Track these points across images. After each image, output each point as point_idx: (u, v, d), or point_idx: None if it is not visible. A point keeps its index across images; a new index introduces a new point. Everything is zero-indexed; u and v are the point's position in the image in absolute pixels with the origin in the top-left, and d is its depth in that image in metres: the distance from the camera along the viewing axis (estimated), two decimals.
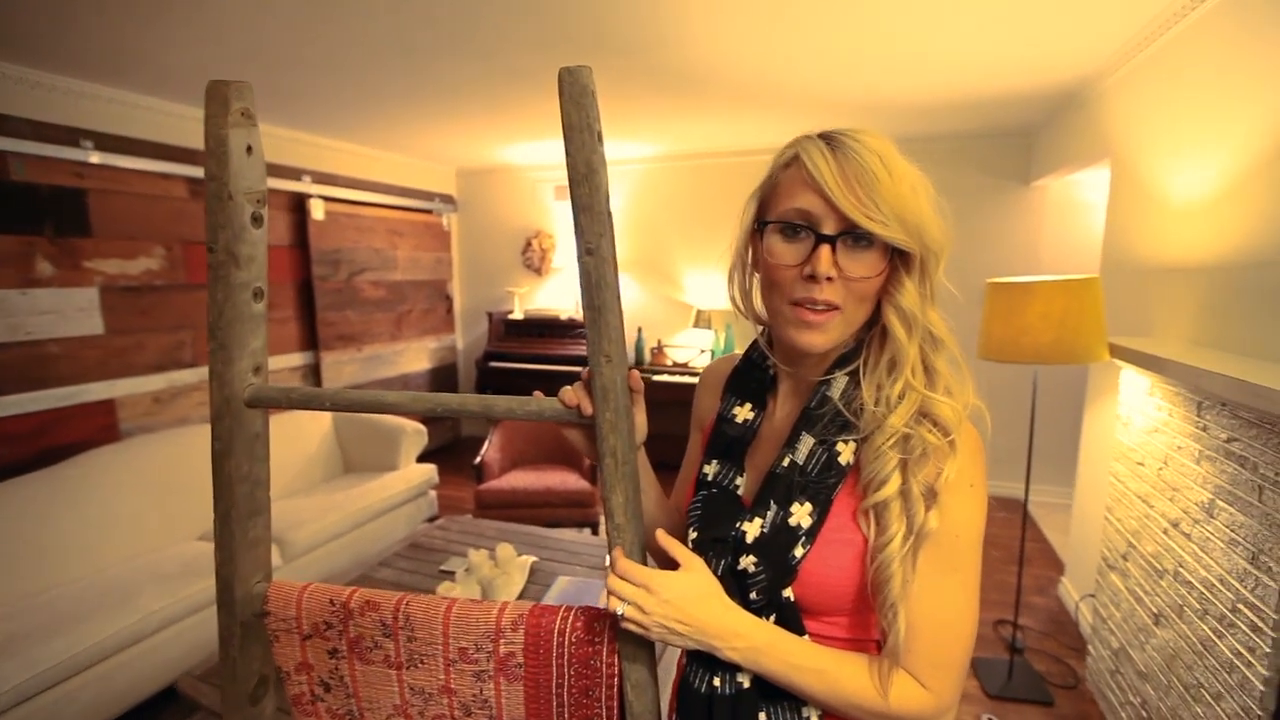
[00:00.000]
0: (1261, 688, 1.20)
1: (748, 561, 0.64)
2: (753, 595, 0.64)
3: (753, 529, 0.65)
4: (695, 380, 4.04)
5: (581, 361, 4.32)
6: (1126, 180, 2.29)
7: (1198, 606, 1.45)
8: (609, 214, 0.63)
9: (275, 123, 3.44)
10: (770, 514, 0.64)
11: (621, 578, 0.61)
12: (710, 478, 0.73)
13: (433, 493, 3.39)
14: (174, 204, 3.03)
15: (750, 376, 0.77)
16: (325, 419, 3.34)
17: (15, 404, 2.47)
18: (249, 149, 0.72)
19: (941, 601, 0.61)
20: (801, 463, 0.65)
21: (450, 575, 2.14)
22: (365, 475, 3.19)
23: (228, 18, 1.98)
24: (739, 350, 0.84)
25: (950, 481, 0.60)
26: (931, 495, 0.60)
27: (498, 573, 2.06)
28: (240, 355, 0.74)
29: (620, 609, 0.60)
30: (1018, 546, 2.21)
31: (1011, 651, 2.23)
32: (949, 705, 0.60)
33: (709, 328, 4.32)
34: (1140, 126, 2.19)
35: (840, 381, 0.67)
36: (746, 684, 0.64)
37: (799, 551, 0.63)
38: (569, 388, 0.66)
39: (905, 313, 0.64)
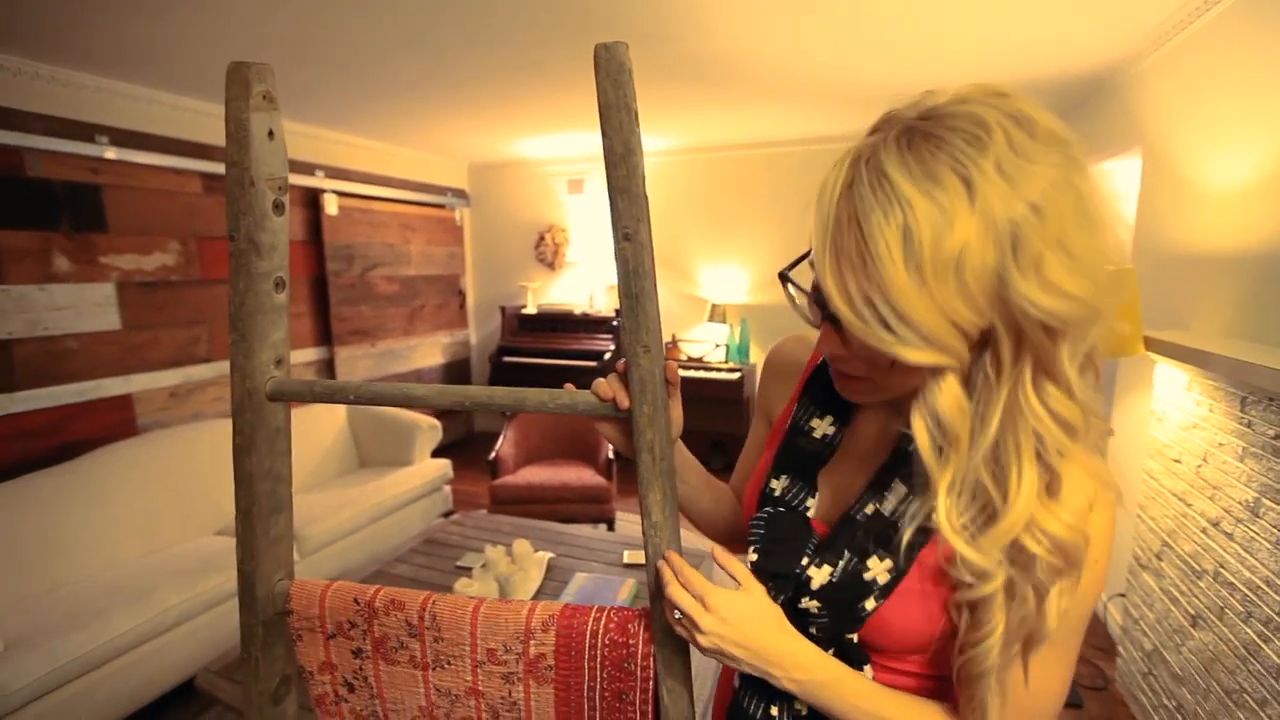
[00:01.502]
0: None
1: (810, 604, 0.58)
2: (812, 631, 0.58)
3: (820, 575, 0.57)
4: (712, 375, 4.02)
5: (595, 356, 4.30)
6: (1159, 168, 2.22)
7: (1240, 609, 1.40)
8: (646, 198, 0.60)
9: (288, 117, 3.43)
10: (842, 563, 0.56)
11: (683, 585, 0.54)
12: (777, 494, 0.64)
13: (447, 488, 3.38)
14: (188, 199, 3.03)
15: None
16: (340, 414, 3.33)
17: (34, 399, 2.48)
18: (270, 134, 0.69)
19: (1035, 679, 0.51)
20: (887, 514, 0.56)
21: (467, 571, 2.12)
22: (380, 470, 3.18)
23: (241, 11, 1.96)
24: (756, 345, 0.74)
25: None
26: (1045, 587, 0.47)
27: (514, 569, 2.04)
28: (262, 347, 0.71)
29: (676, 615, 0.54)
30: None
31: None
32: None
33: (724, 322, 4.28)
34: (1175, 113, 2.13)
35: None
36: (805, 712, 0.60)
37: (870, 605, 0.55)
38: (603, 380, 0.62)
39: (935, 421, 0.47)
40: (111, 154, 2.68)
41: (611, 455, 3.11)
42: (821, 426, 0.65)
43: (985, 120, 0.42)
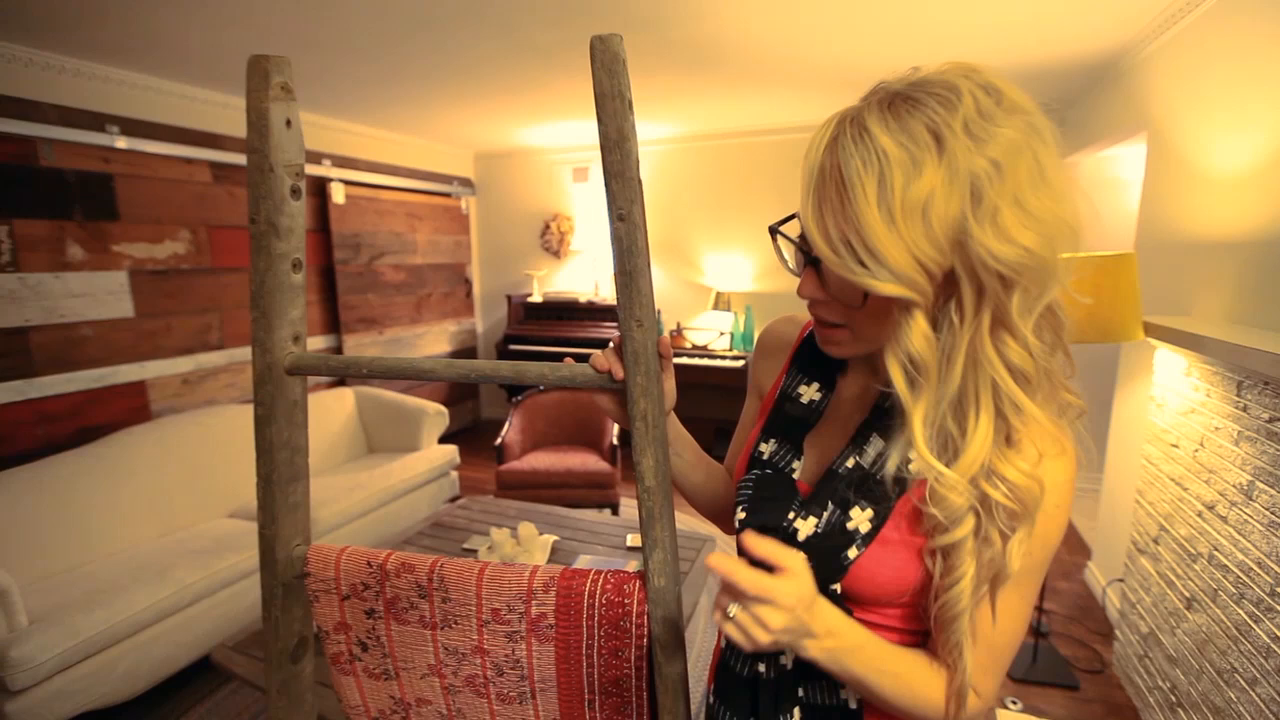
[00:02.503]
0: None
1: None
2: None
3: (806, 527, 0.61)
4: (715, 364, 4.04)
5: (600, 344, 4.33)
6: (1164, 154, 2.22)
7: (1233, 590, 1.42)
8: (639, 181, 0.63)
9: None
10: (826, 514, 0.60)
11: (741, 587, 0.48)
12: (765, 457, 0.68)
13: (454, 473, 3.43)
14: (198, 188, 3.07)
15: (821, 352, 0.68)
16: (349, 400, 3.38)
17: (52, 385, 2.54)
18: (288, 122, 0.73)
19: (1001, 617, 0.57)
20: (867, 466, 0.60)
21: (473, 553, 2.17)
22: (388, 456, 3.24)
23: (244, 4, 1.98)
24: (757, 332, 0.79)
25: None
26: (1010, 530, 0.52)
27: (520, 551, 2.09)
28: (280, 324, 0.75)
29: (733, 612, 0.50)
30: None
31: (1036, 635, 2.21)
32: (991, 705, 0.60)
33: (728, 309, 4.29)
34: (1181, 97, 2.12)
35: None
36: (789, 666, 0.63)
37: (853, 553, 0.58)
38: (599, 353, 0.66)
39: (910, 357, 0.51)
40: (122, 143, 2.72)
41: (615, 441, 3.14)
42: (809, 393, 0.69)
43: (958, 86, 0.48)
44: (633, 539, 2.28)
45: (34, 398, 2.48)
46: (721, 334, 4.30)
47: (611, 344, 0.66)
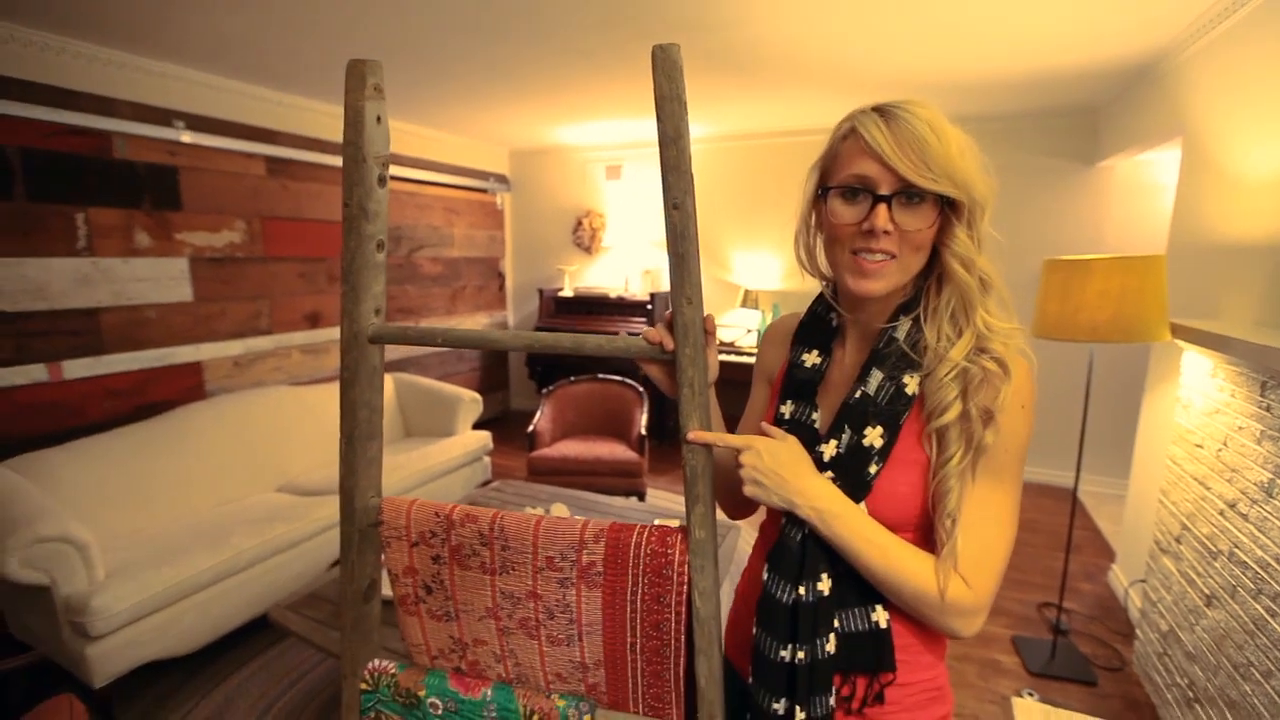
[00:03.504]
0: None
1: (826, 475, 0.73)
2: None
3: (829, 449, 0.74)
4: (743, 360, 4.10)
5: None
6: (1199, 158, 2.22)
7: (1251, 586, 1.45)
8: (691, 174, 0.71)
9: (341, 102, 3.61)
10: (845, 437, 0.73)
11: (726, 442, 0.73)
12: (788, 415, 0.81)
13: (487, 459, 3.55)
14: (254, 181, 3.24)
15: (816, 328, 0.85)
16: (389, 386, 3.53)
17: (118, 362, 2.71)
18: (378, 119, 0.82)
19: (987, 511, 0.69)
20: (872, 394, 0.74)
21: None
22: (425, 440, 3.37)
23: (305, 5, 2.11)
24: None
25: (1004, 403, 0.68)
26: (988, 416, 0.68)
27: None
28: (365, 297, 0.85)
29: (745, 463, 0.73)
30: (1065, 534, 2.20)
31: (1055, 633, 2.24)
32: (985, 604, 0.69)
33: (756, 307, 4.35)
34: (1219, 102, 2.13)
35: (904, 325, 0.75)
36: (826, 591, 0.71)
37: (873, 469, 0.71)
38: (651, 328, 0.75)
39: (961, 256, 0.71)
40: (187, 138, 2.89)
41: (644, 431, 3.23)
42: (811, 358, 0.83)
43: (924, 104, 0.70)
44: (660, 523, 2.35)
45: (102, 374, 2.66)
46: (749, 331, 4.36)
47: (663, 318, 0.74)
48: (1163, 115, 2.59)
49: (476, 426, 3.65)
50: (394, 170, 4.05)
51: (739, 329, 4.40)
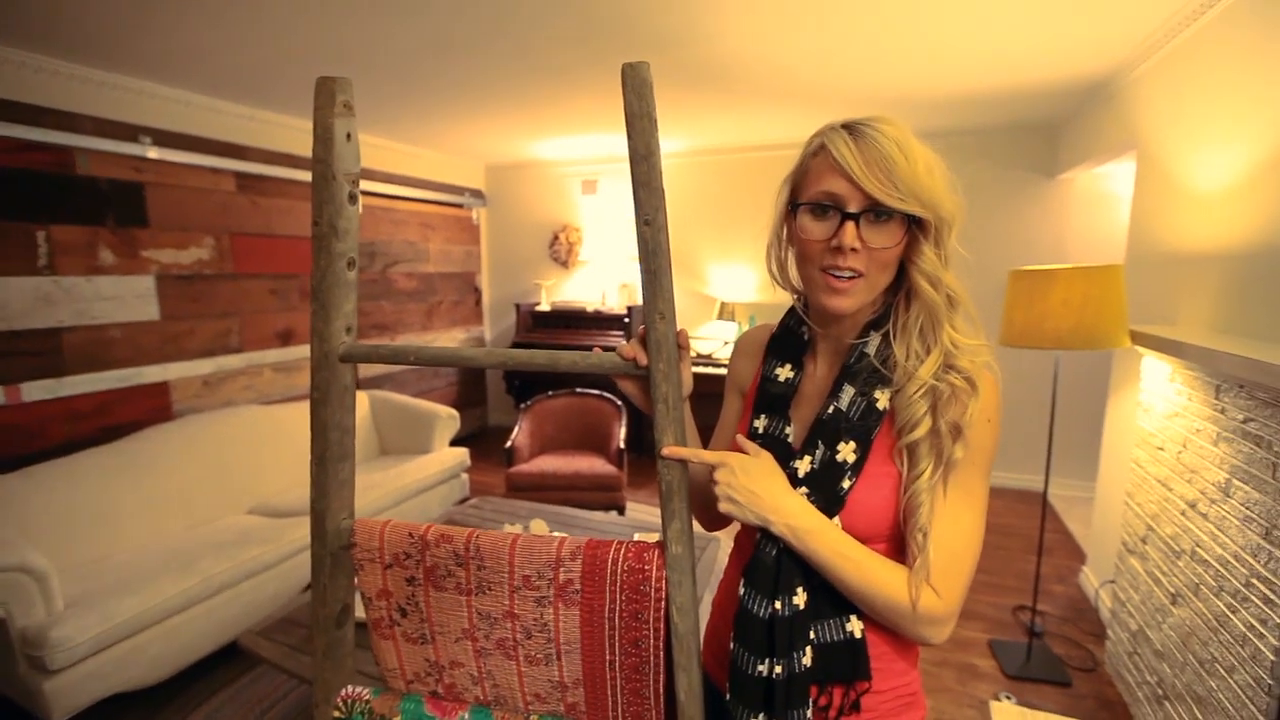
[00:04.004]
0: (1272, 658, 1.25)
1: (800, 491, 0.74)
2: None
3: (803, 465, 0.75)
4: (720, 371, 4.12)
5: (607, 352, 4.41)
6: (1153, 171, 2.31)
7: (1213, 584, 1.49)
8: (663, 190, 0.72)
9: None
10: (819, 453, 0.74)
11: (701, 458, 0.74)
12: (761, 430, 0.81)
13: (465, 475, 3.51)
14: (223, 197, 3.18)
15: (788, 341, 0.86)
16: (363, 404, 3.47)
17: (81, 383, 2.63)
18: (348, 136, 0.82)
19: (957, 521, 0.71)
20: (845, 409, 0.75)
21: None
22: (400, 457, 3.32)
23: (276, 20, 2.10)
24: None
25: (972, 418, 0.70)
26: (957, 431, 0.70)
27: None
28: (336, 315, 0.84)
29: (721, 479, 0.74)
30: (1037, 537, 2.25)
31: (1030, 635, 2.27)
32: (955, 611, 0.70)
33: (732, 319, 4.39)
34: (1168, 117, 2.22)
35: (875, 341, 0.76)
36: (802, 605, 0.72)
37: (846, 484, 0.73)
38: (625, 343, 0.76)
39: (928, 274, 0.73)
40: (153, 153, 2.83)
41: (622, 446, 3.22)
42: (784, 373, 0.84)
43: (892, 120, 0.71)
44: (640, 538, 2.35)
45: (64, 396, 2.58)
46: (725, 343, 4.39)
47: (636, 334, 0.75)
48: (1117, 130, 2.69)
49: (454, 443, 3.61)
50: (368, 185, 4.02)
51: (715, 341, 4.43)
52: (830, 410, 0.76)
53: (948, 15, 2.07)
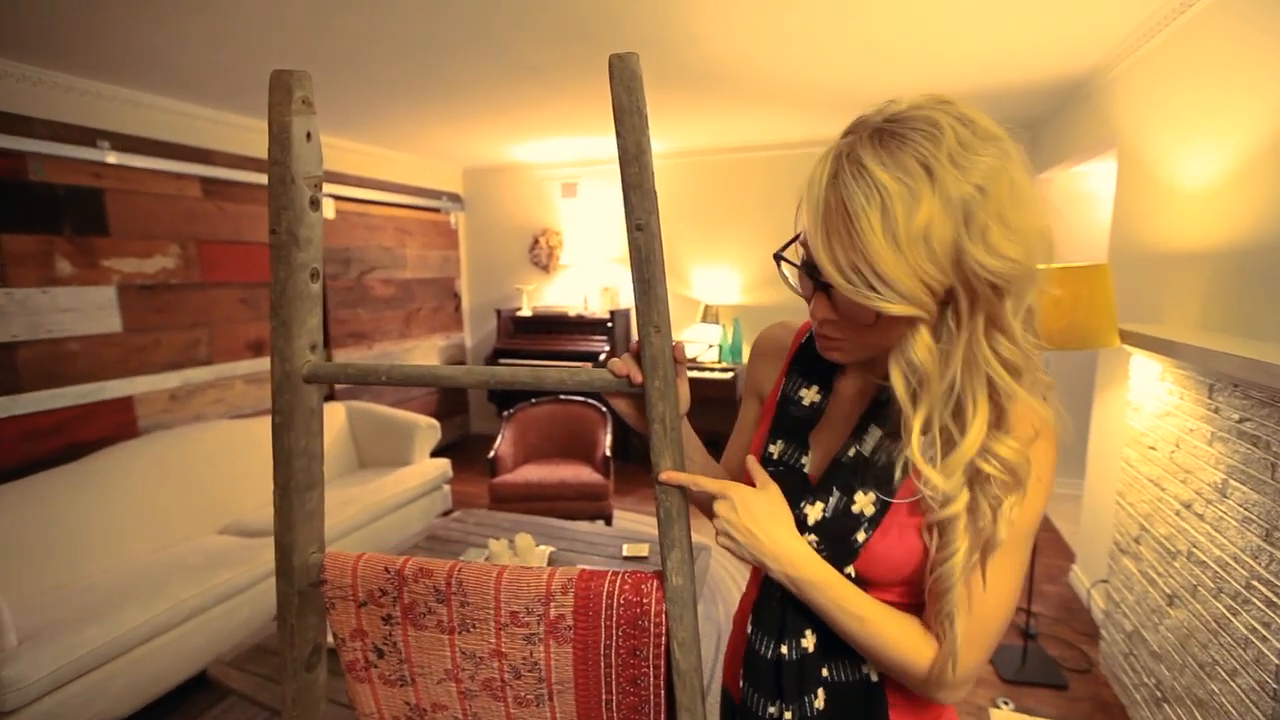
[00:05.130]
0: (1277, 661, 1.23)
1: (809, 539, 0.66)
2: None
3: (814, 512, 0.66)
4: (705, 375, 4.08)
5: (590, 357, 4.36)
6: (1134, 169, 2.32)
7: (1211, 585, 1.48)
8: (655, 192, 0.66)
9: None
10: (833, 500, 0.66)
11: (701, 485, 0.66)
12: (776, 456, 0.73)
13: (447, 487, 3.42)
14: (188, 203, 3.06)
15: (818, 354, 0.73)
16: (339, 414, 3.37)
17: (38, 401, 2.50)
18: (308, 135, 0.75)
19: (990, 597, 0.60)
20: (868, 454, 0.65)
21: None
22: (380, 470, 3.22)
23: (239, 17, 2.01)
24: (749, 345, 0.84)
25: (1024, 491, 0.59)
26: (999, 502, 0.57)
27: (517, 562, 2.09)
28: (299, 332, 0.77)
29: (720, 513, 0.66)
30: None
31: (1025, 638, 2.26)
32: (972, 678, 0.63)
33: (717, 322, 4.35)
34: (1147, 115, 2.22)
35: None
36: (811, 648, 0.66)
37: (861, 536, 0.64)
38: (617, 359, 0.69)
39: (913, 366, 0.57)
40: (113, 158, 2.71)
41: (608, 453, 3.16)
42: (809, 395, 0.74)
43: (938, 121, 0.53)
44: (629, 549, 2.29)
45: (20, 414, 2.45)
46: (710, 346, 4.35)
47: (629, 349, 0.69)
48: (1097, 129, 2.70)
49: (435, 453, 3.52)
50: (341, 190, 3.92)
51: (701, 344, 4.39)
52: (851, 453, 0.66)
53: (927, 15, 2.05)
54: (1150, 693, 1.76)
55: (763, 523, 0.63)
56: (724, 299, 4.43)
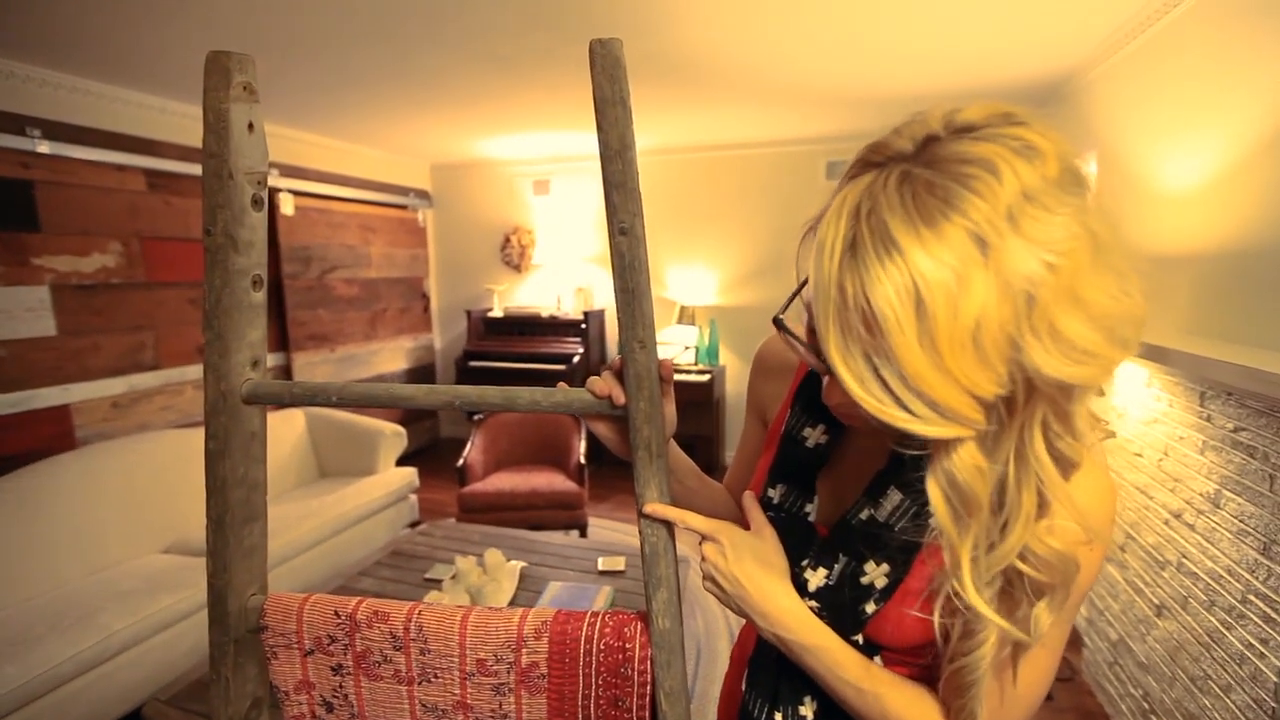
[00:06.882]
0: (1275, 679, 1.20)
1: (809, 604, 0.58)
2: None
3: (816, 579, 0.58)
4: (680, 377, 4.01)
5: (564, 359, 4.25)
6: (1113, 172, 2.32)
7: (1203, 598, 1.45)
8: (640, 192, 0.59)
9: None
10: (839, 566, 0.57)
11: (688, 523, 0.59)
12: (776, 501, 0.65)
13: (413, 497, 3.28)
14: (130, 197, 2.87)
15: None
16: (298, 421, 3.20)
17: None
18: (250, 126, 0.66)
19: (1020, 685, 0.50)
20: (883, 519, 0.56)
21: (436, 584, 2.05)
22: (342, 480, 3.07)
23: None
24: (726, 347, 0.73)
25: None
26: (1038, 597, 0.46)
27: (486, 580, 1.98)
28: (238, 347, 0.68)
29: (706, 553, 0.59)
30: None
31: None
32: None
33: (693, 324, 4.28)
34: (1126, 119, 2.23)
35: None
36: (810, 716, 0.59)
37: (870, 608, 0.55)
38: (597, 377, 0.61)
39: (953, 486, 0.42)
40: (45, 148, 2.51)
41: (583, 460, 3.06)
42: (814, 435, 0.64)
43: (994, 164, 0.38)
44: (604, 562, 2.20)
45: None
46: (687, 348, 4.29)
47: (610, 366, 0.61)
48: (1076, 131, 2.71)
49: (403, 460, 3.37)
50: (301, 185, 3.74)
51: (677, 346, 4.32)
52: (863, 515, 0.57)
53: (908, 14, 2.01)
54: (1137, 704, 1.74)
55: (753, 574, 0.55)
56: (700, 300, 4.37)
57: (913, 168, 0.40)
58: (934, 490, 0.43)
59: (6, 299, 2.43)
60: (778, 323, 0.52)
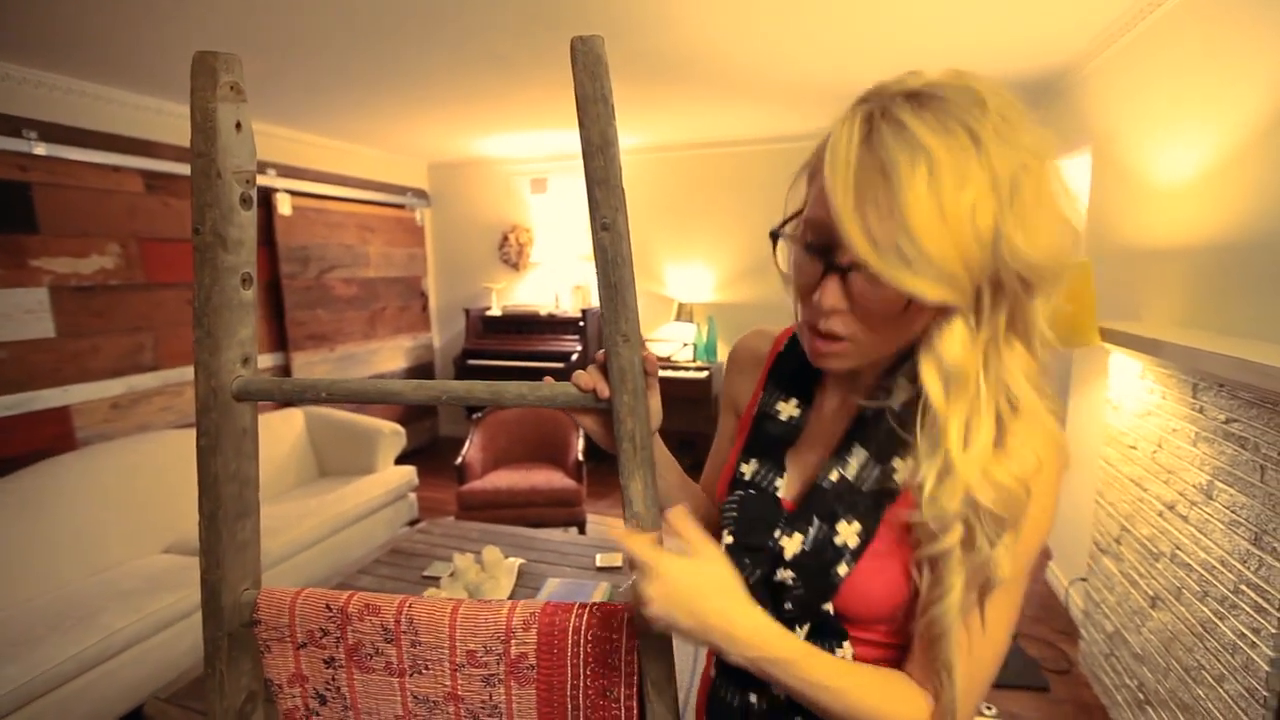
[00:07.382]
0: (1267, 668, 1.20)
1: (785, 575, 0.59)
2: (787, 606, 0.59)
3: (792, 545, 0.59)
4: (679, 375, 4.02)
5: (562, 357, 4.26)
6: (1108, 165, 2.32)
7: (1197, 589, 1.46)
8: (622, 188, 0.59)
9: None
10: (813, 530, 0.59)
11: (628, 551, 0.54)
12: (747, 477, 0.66)
13: (412, 495, 3.29)
14: (129, 198, 2.88)
15: (797, 364, 0.68)
16: (298, 421, 3.21)
17: None
18: (238, 125, 0.67)
19: (987, 631, 0.54)
20: (852, 479, 0.58)
21: (434, 581, 2.06)
22: (341, 479, 3.08)
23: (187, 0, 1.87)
24: (724, 344, 0.76)
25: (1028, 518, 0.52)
26: (998, 535, 0.50)
27: (484, 577, 1.99)
28: (228, 345, 0.69)
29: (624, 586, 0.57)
30: None
31: None
32: None
33: (691, 321, 4.29)
34: (1120, 112, 2.22)
35: (903, 390, 0.55)
36: (784, 697, 0.60)
37: (842, 570, 0.57)
38: (582, 371, 0.62)
39: (945, 365, 0.50)
40: (42, 150, 2.52)
41: (581, 457, 3.07)
42: (787, 409, 0.67)
43: (978, 91, 0.47)
44: (602, 559, 2.21)
45: None
46: (685, 345, 4.29)
47: (595, 360, 0.62)
48: (1071, 125, 2.71)
49: (402, 459, 3.38)
50: (298, 185, 3.74)
51: (674, 343, 4.32)
52: (833, 476, 0.59)
53: (902, 9, 2.01)
54: (1132, 694, 1.74)
55: (691, 602, 0.50)
56: (698, 297, 4.37)
57: (915, 90, 0.48)
58: (928, 369, 0.51)
59: (5, 301, 2.44)
60: (774, 234, 0.57)
